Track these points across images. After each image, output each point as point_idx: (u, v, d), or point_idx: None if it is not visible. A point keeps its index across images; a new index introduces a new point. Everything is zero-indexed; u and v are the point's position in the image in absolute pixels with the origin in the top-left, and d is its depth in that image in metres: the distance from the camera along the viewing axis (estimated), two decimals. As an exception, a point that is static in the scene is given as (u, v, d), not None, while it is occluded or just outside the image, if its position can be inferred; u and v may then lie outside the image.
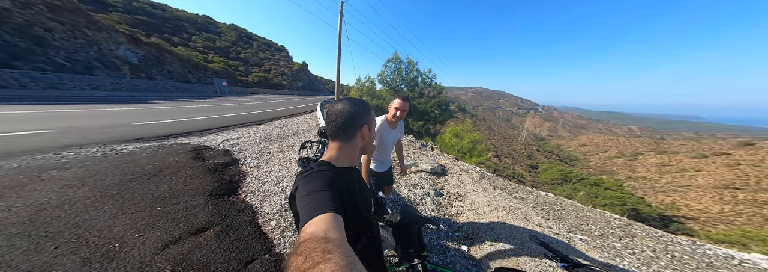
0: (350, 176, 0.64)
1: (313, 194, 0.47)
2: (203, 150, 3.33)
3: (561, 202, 3.20)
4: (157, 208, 1.85)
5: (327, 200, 0.45)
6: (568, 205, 3.10)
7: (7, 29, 11.08)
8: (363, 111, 0.63)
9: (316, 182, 0.51)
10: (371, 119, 0.65)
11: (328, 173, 0.56)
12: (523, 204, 2.74)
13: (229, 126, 5.28)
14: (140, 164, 2.65)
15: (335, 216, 0.41)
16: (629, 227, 2.67)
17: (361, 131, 0.62)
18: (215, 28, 36.16)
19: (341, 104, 0.63)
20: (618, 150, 58.62)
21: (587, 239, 2.21)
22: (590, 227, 2.54)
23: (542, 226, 2.20)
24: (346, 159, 0.63)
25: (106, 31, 15.97)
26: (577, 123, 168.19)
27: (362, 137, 0.63)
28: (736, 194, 22.17)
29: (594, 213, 3.01)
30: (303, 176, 0.55)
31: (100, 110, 6.36)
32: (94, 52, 14.62)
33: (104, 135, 3.71)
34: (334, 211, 0.42)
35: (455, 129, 10.14)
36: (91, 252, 1.33)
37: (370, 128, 0.64)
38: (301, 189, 0.51)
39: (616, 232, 2.49)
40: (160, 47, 20.19)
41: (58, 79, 11.30)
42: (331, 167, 0.59)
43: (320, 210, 0.42)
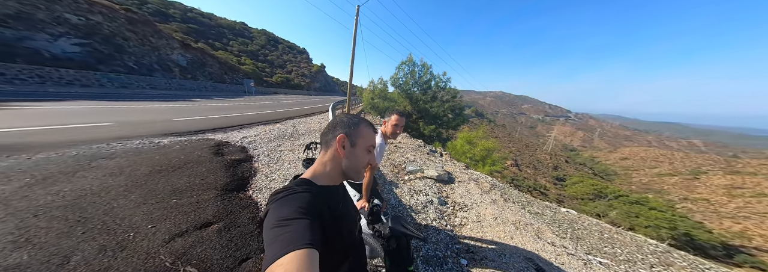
0: (335, 195, 0.59)
1: (285, 226, 0.41)
2: (224, 146, 3.61)
3: (584, 221, 2.82)
4: (174, 200, 2.02)
5: (301, 231, 0.40)
6: (591, 224, 2.72)
7: (97, 39, 13.54)
8: (347, 123, 0.59)
9: (289, 208, 0.45)
10: (357, 134, 0.59)
11: (306, 195, 0.50)
12: (537, 219, 2.47)
13: (250, 124, 5.72)
14: (169, 156, 2.95)
15: (310, 252, 0.37)
16: (667, 254, 2.24)
17: (335, 140, 0.57)
18: (249, 33, 40.00)
19: (335, 117, 0.63)
20: (672, 167, 50.52)
21: (609, 263, 1.91)
22: (616, 250, 2.19)
23: (556, 245, 1.95)
24: (326, 177, 0.58)
25: (165, 38, 18.60)
26: (619, 134, 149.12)
27: (338, 148, 0.57)
28: None
29: (623, 235, 2.59)
30: (277, 199, 0.49)
31: (152, 106, 7.35)
32: (154, 56, 17.11)
33: (149, 129, 4.26)
34: (309, 246, 0.37)
35: (468, 135, 9.65)
36: (108, 240, 1.47)
37: (352, 142, 0.58)
38: (271, 216, 0.44)
39: (648, 258, 2.12)
40: (204, 52, 22.84)
41: (127, 80, 13.51)
42: (311, 186, 0.54)
43: (292, 245, 0.36)
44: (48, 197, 1.85)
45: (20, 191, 1.89)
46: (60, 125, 3.96)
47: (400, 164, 3.71)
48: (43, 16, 11.48)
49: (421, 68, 10.60)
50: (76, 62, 12.18)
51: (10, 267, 1.18)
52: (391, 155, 4.33)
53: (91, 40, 13.25)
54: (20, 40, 10.54)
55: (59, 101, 6.57)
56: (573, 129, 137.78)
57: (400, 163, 3.81)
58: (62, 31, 12.07)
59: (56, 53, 11.66)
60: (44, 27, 11.41)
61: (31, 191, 1.91)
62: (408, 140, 5.96)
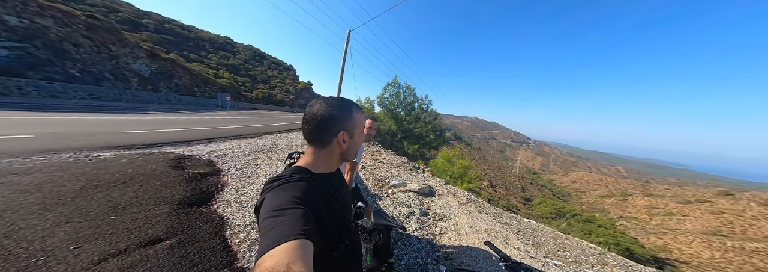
0: (331, 182, 0.58)
1: (279, 216, 0.40)
2: (186, 159, 3.23)
3: (542, 229, 3.14)
4: (112, 217, 1.70)
5: (294, 222, 0.38)
6: (547, 232, 3.04)
7: (36, 43, 11.83)
8: (341, 115, 0.54)
9: (284, 197, 0.44)
10: (353, 125, 0.56)
11: (302, 183, 0.49)
12: (506, 228, 2.68)
13: (220, 138, 5.24)
14: (111, 171, 2.52)
15: (303, 242, 0.35)
16: (602, 256, 2.63)
17: (336, 138, 0.54)
18: (232, 47, 39.69)
19: (318, 105, 0.54)
20: (608, 189, 59.19)
21: (562, 264, 2.14)
22: (566, 253, 2.49)
23: (520, 249, 2.13)
24: (323, 166, 0.57)
25: (129, 47, 17.25)
26: (567, 160, 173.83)
27: (339, 144, 0.55)
28: (724, 242, 21.85)
29: (571, 240, 2.95)
30: (272, 187, 0.48)
31: (93, 118, 6.28)
32: (110, 65, 15.34)
33: (84, 142, 3.60)
34: (302, 236, 0.36)
35: (448, 154, 10.32)
36: (3, 268, 1.16)
37: (350, 134, 0.56)
38: (266, 205, 0.43)
39: (590, 259, 2.46)
40: (174, 62, 21.51)
41: (61, 88, 11.42)
42: (308, 174, 0.52)
43: (285, 236, 0.35)
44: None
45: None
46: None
47: (384, 179, 3.74)
48: None
49: (406, 90, 11.48)
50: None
51: None
52: (376, 170, 4.35)
53: (27, 44, 11.56)
54: None
55: None
56: (533, 154, 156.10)
57: (384, 177, 3.83)
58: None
59: None
60: None
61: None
62: (392, 157, 6.05)
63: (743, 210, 30.33)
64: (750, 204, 31.33)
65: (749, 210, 29.76)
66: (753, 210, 29.70)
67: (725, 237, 23.37)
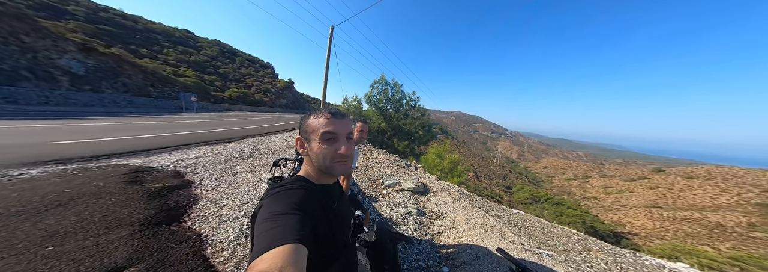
0: (330, 193, 0.59)
1: (276, 219, 0.40)
2: (145, 172, 2.77)
3: (530, 219, 3.34)
4: (49, 247, 1.37)
5: (290, 226, 0.39)
6: (535, 222, 3.25)
7: None
8: (300, 123, 0.61)
9: (283, 203, 0.45)
10: (306, 130, 0.58)
11: (300, 191, 0.50)
12: (498, 221, 2.78)
13: (188, 145, 4.59)
14: (41, 192, 2.04)
15: (296, 247, 0.35)
16: (585, 241, 2.89)
17: (296, 145, 0.60)
18: (194, 42, 35.44)
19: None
20: (572, 173, 66.81)
21: (554, 254, 2.29)
22: (555, 242, 2.67)
23: (515, 242, 2.22)
24: (316, 175, 0.59)
25: (51, 38, 14.30)
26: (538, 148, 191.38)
27: (302, 152, 0.60)
28: (661, 213, 26.19)
29: (557, 228, 3.20)
30: (272, 194, 0.49)
31: (7, 127, 5.10)
32: (25, 60, 12.60)
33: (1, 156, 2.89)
34: (297, 241, 0.36)
35: (438, 150, 10.60)
36: None
37: (306, 139, 0.58)
38: (265, 210, 0.44)
39: (576, 246, 2.65)
40: (119, 58, 18.49)
41: None
42: (307, 183, 0.54)
43: (280, 240, 0.35)
44: None
45: None
46: None
47: (378, 179, 3.65)
48: None
49: (393, 87, 11.47)
50: None
51: None
52: (369, 170, 4.22)
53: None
54: None
55: None
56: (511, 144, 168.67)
57: (377, 177, 3.74)
58: None
59: None
60: None
61: None
62: (384, 156, 5.93)
63: (672, 183, 36.55)
64: (677, 178, 37.85)
65: (677, 183, 35.95)
66: (679, 183, 35.93)
67: (662, 209, 27.99)
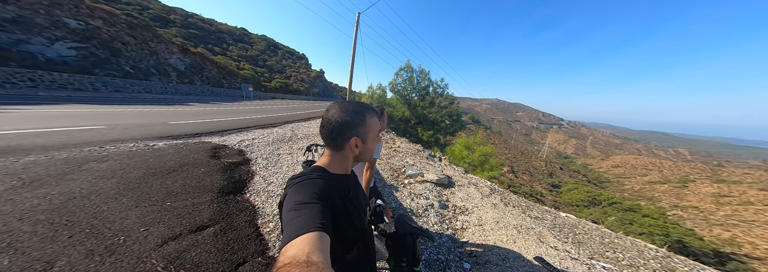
0: (346, 184, 0.61)
1: (300, 209, 0.44)
2: (221, 149, 3.56)
3: (584, 225, 2.83)
4: (168, 203, 1.96)
5: (313, 215, 0.42)
6: (591, 229, 2.73)
7: (94, 43, 13.54)
8: (354, 122, 0.57)
9: (305, 192, 0.48)
10: (365, 130, 0.59)
11: (320, 181, 0.53)
12: (538, 223, 2.47)
13: (248, 127, 5.64)
14: (164, 159, 2.88)
15: (321, 234, 0.39)
16: (668, 259, 2.25)
17: (349, 144, 0.58)
18: (249, 38, 40.82)
19: (334, 110, 0.58)
20: (661, 175, 51.85)
21: (613, 268, 1.90)
22: (617, 255, 2.19)
23: (559, 249, 1.95)
24: (339, 167, 0.61)
25: (165, 43, 18.72)
26: (610, 142, 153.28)
27: (352, 149, 0.59)
28: None
29: (623, 240, 2.60)
30: (294, 183, 0.53)
31: (147, 110, 7.24)
32: (152, 61, 17.10)
33: (143, 132, 4.17)
34: (321, 229, 0.39)
35: (466, 141, 9.76)
36: (96, 244, 1.40)
37: (363, 139, 0.59)
38: (289, 200, 0.48)
39: (650, 264, 2.13)
40: (203, 56, 22.99)
41: (122, 84, 13.37)
42: (325, 173, 0.57)
43: (305, 228, 0.39)
44: (34, 201, 1.76)
45: (5, 195, 1.80)
46: (49, 128, 3.85)
47: (400, 168, 3.70)
48: (41, 21, 11.50)
49: (420, 74, 10.87)
50: (71, 66, 12.04)
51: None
52: (391, 159, 4.32)
53: (88, 45, 13.24)
54: (16, 44, 10.45)
55: (50, 105, 6.41)
56: (566, 137, 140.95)
57: (399, 167, 3.79)
58: (60, 35, 12.06)
59: (52, 57, 11.55)
60: (41, 31, 11.39)
61: (17, 194, 1.82)
62: (407, 145, 5.95)
63: None
64: None
65: None
66: None
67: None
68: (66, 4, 12.83)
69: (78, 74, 11.43)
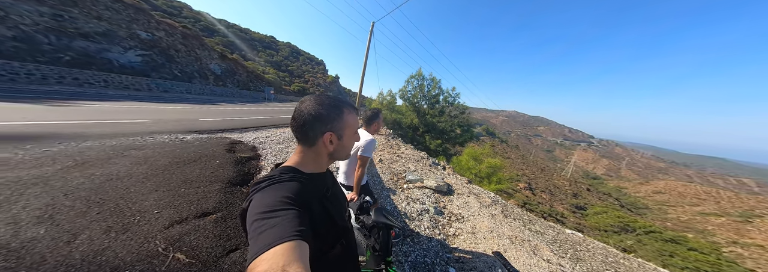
0: (323, 182, 0.57)
1: (270, 218, 0.37)
2: (237, 144, 3.91)
3: (588, 243, 2.57)
4: (182, 189, 2.20)
5: (287, 223, 0.36)
6: (596, 248, 2.47)
7: (155, 51, 15.93)
8: (329, 115, 0.52)
9: (275, 197, 0.42)
10: (341, 126, 0.54)
11: (292, 183, 0.47)
12: (537, 237, 2.31)
13: (263, 127, 6.11)
14: (188, 151, 3.24)
15: (298, 243, 0.34)
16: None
17: (322, 139, 0.52)
18: (275, 45, 45.37)
19: (308, 102, 0.52)
20: (718, 206, 44.41)
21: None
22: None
23: (551, 262, 1.81)
24: (312, 165, 0.55)
25: (208, 50, 21.34)
26: (651, 165, 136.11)
27: (325, 146, 0.54)
28: None
29: (630, 261, 2.31)
30: (260, 188, 0.45)
31: (184, 108, 8.19)
32: (196, 66, 19.53)
33: (177, 126, 4.73)
34: (297, 237, 0.35)
35: (474, 152, 9.40)
36: (116, 222, 1.60)
37: (339, 136, 0.54)
38: (255, 207, 0.41)
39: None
40: (236, 62, 25.64)
41: (170, 85, 15.42)
42: (297, 173, 0.51)
43: (278, 239, 0.33)
44: (80, 179, 2.09)
45: (60, 173, 2.16)
46: (108, 120, 4.56)
47: (401, 173, 3.73)
48: (122, 33, 13.93)
49: (430, 82, 10.92)
50: (135, 70, 14.25)
51: (26, 240, 1.31)
52: (393, 164, 4.37)
53: (151, 52, 15.62)
54: (100, 52, 12.72)
55: (115, 101, 7.55)
56: (596, 156, 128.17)
57: (400, 172, 3.83)
58: (133, 44, 14.48)
59: (123, 63, 13.79)
60: (120, 41, 13.77)
61: (69, 173, 2.18)
62: (411, 151, 5.97)
63: None
64: None
65: None
66: None
67: None
68: (142, 19, 15.47)
69: (138, 77, 13.43)
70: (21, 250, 1.25)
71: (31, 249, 1.26)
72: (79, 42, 11.87)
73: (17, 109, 4.42)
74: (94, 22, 12.69)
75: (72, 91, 8.77)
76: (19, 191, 1.76)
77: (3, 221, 1.43)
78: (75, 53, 11.55)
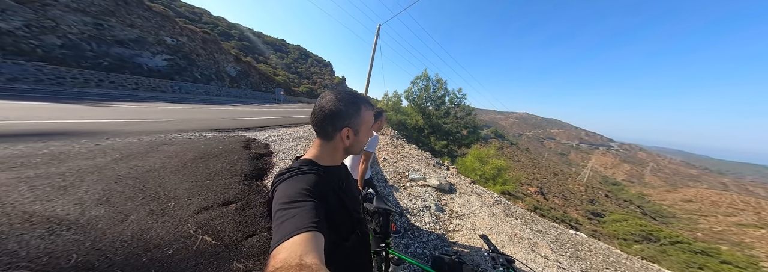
0: (338, 175, 0.60)
1: (290, 208, 0.41)
2: (252, 142, 4.23)
3: (592, 244, 2.55)
4: (208, 180, 2.47)
5: (305, 214, 0.40)
6: (599, 248, 2.44)
7: (179, 55, 17.24)
8: (347, 112, 0.54)
9: (295, 189, 0.45)
10: (359, 122, 0.57)
11: (311, 175, 0.50)
12: (538, 236, 2.35)
13: (275, 126, 6.53)
14: (211, 147, 3.57)
15: (314, 235, 0.36)
16: None
17: (339, 134, 0.55)
18: (286, 48, 47.37)
19: (328, 98, 0.55)
20: (758, 217, 40.32)
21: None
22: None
23: (549, 258, 1.86)
24: (329, 158, 0.58)
25: (225, 54, 22.62)
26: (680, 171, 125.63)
27: (342, 140, 0.56)
28: None
29: (633, 262, 2.28)
30: (283, 179, 0.49)
31: (205, 108, 8.82)
32: (214, 68, 20.76)
33: (200, 125, 5.17)
34: (313, 228, 0.37)
35: (479, 153, 9.26)
36: (156, 206, 1.87)
37: (356, 131, 0.57)
38: (279, 197, 0.45)
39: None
40: (250, 64, 26.91)
41: (191, 87, 16.56)
42: (315, 166, 0.54)
43: (296, 229, 0.36)
44: (127, 170, 2.42)
45: (111, 164, 2.51)
46: (142, 119, 5.08)
47: (404, 172, 3.86)
48: (151, 39, 15.18)
49: (436, 83, 10.90)
50: (162, 73, 15.45)
51: (92, 217, 1.61)
52: (396, 163, 4.52)
53: (175, 56, 16.83)
54: (132, 57, 13.94)
55: (144, 102, 8.29)
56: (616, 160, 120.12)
57: (404, 170, 3.96)
58: (160, 49, 15.74)
59: (152, 66, 15.00)
60: (149, 47, 15.00)
61: (117, 164, 2.53)
62: (415, 151, 6.08)
63: None
64: None
65: None
66: None
67: None
68: (168, 26, 16.75)
69: (164, 80, 14.54)
70: (87, 226, 1.52)
71: (95, 225, 1.53)
72: (115, 48, 13.07)
73: (70, 109, 5.04)
74: (128, 30, 13.91)
75: (109, 93, 9.69)
76: (81, 178, 2.09)
77: (71, 202, 1.73)
78: (112, 59, 12.73)
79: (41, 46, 10.12)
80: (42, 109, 4.62)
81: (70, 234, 1.42)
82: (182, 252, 1.43)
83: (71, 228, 1.46)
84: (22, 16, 9.82)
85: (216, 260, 1.43)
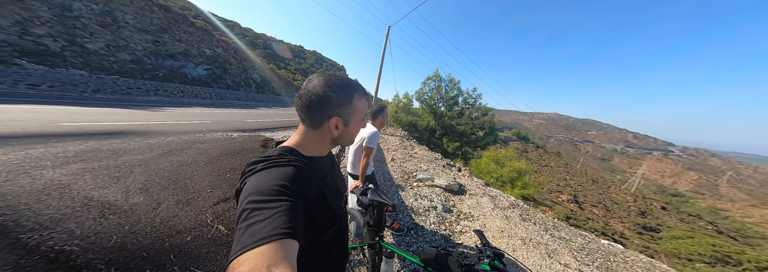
0: (322, 167, 0.54)
1: (260, 209, 0.35)
2: (269, 141, 4.61)
3: (628, 255, 2.13)
4: (228, 175, 2.72)
5: (278, 218, 0.33)
6: (637, 261, 2.02)
7: (216, 65, 19.50)
8: (338, 99, 0.47)
9: (269, 184, 0.38)
10: (350, 112, 0.50)
11: (289, 169, 0.43)
12: (559, 243, 2.06)
13: (290, 127, 7.09)
14: (235, 145, 3.95)
15: (284, 242, 0.31)
16: None
17: (327, 123, 0.49)
18: (303, 54, 51.12)
19: (316, 81, 0.47)
20: None
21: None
22: None
23: (570, 267, 1.62)
24: (314, 148, 0.52)
25: (251, 62, 24.87)
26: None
27: (330, 130, 0.50)
28: None
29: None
30: (255, 169, 0.43)
31: (234, 112, 9.87)
32: (244, 76, 22.98)
33: (229, 126, 5.80)
34: (286, 235, 0.32)
35: (496, 154, 8.52)
36: (183, 196, 2.14)
37: (346, 122, 0.50)
38: (248, 191, 0.38)
39: None
40: (273, 71, 29.12)
41: (224, 93, 18.67)
42: (297, 156, 0.48)
43: (266, 236, 0.31)
44: (165, 164, 2.81)
45: (154, 158, 2.94)
46: (184, 121, 5.88)
47: (412, 172, 3.79)
48: (194, 51, 17.46)
49: (448, 83, 10.44)
50: (202, 81, 17.65)
51: (133, 204, 1.89)
52: (405, 163, 4.48)
53: (212, 66, 19.06)
54: (179, 68, 16.20)
55: (188, 107, 9.58)
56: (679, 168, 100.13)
57: (412, 170, 3.90)
58: (201, 60, 18.02)
59: (194, 76, 17.24)
60: (193, 58, 17.26)
61: (160, 158, 2.95)
62: (425, 152, 5.94)
63: None
64: None
65: None
66: None
67: None
68: (207, 39, 19.11)
69: (204, 87, 16.58)
70: (128, 211, 1.79)
71: (135, 211, 1.80)
72: (168, 61, 15.30)
73: (133, 114, 6.06)
74: (177, 44, 16.17)
75: (163, 100, 11.37)
76: (130, 170, 2.49)
77: (120, 190, 2.06)
78: (165, 70, 14.93)
79: (117, 62, 12.34)
80: (114, 114, 5.63)
81: (115, 217, 1.69)
82: (199, 240, 1.60)
83: (117, 213, 1.74)
84: (104, 37, 12.12)
85: (226, 248, 1.57)
